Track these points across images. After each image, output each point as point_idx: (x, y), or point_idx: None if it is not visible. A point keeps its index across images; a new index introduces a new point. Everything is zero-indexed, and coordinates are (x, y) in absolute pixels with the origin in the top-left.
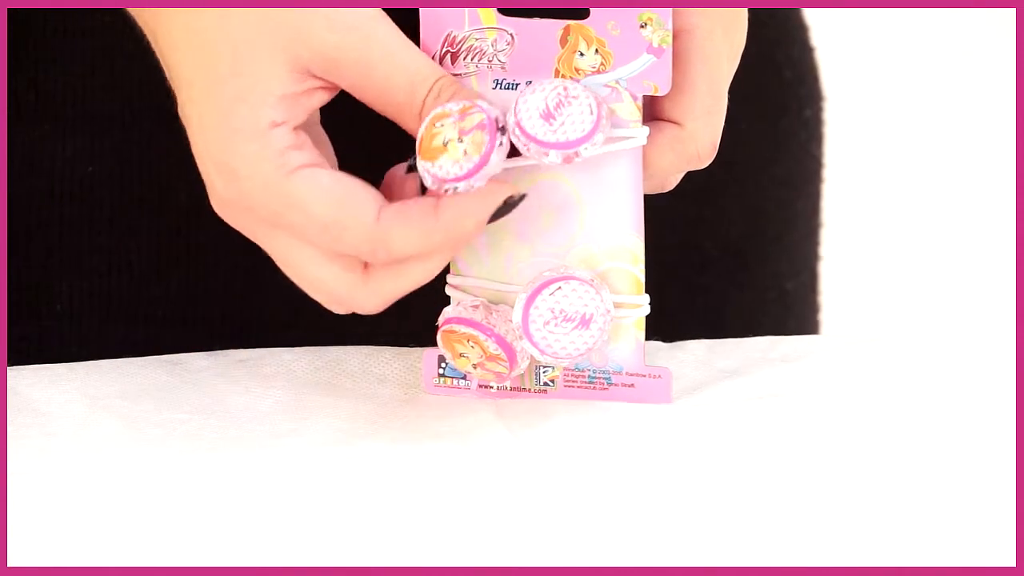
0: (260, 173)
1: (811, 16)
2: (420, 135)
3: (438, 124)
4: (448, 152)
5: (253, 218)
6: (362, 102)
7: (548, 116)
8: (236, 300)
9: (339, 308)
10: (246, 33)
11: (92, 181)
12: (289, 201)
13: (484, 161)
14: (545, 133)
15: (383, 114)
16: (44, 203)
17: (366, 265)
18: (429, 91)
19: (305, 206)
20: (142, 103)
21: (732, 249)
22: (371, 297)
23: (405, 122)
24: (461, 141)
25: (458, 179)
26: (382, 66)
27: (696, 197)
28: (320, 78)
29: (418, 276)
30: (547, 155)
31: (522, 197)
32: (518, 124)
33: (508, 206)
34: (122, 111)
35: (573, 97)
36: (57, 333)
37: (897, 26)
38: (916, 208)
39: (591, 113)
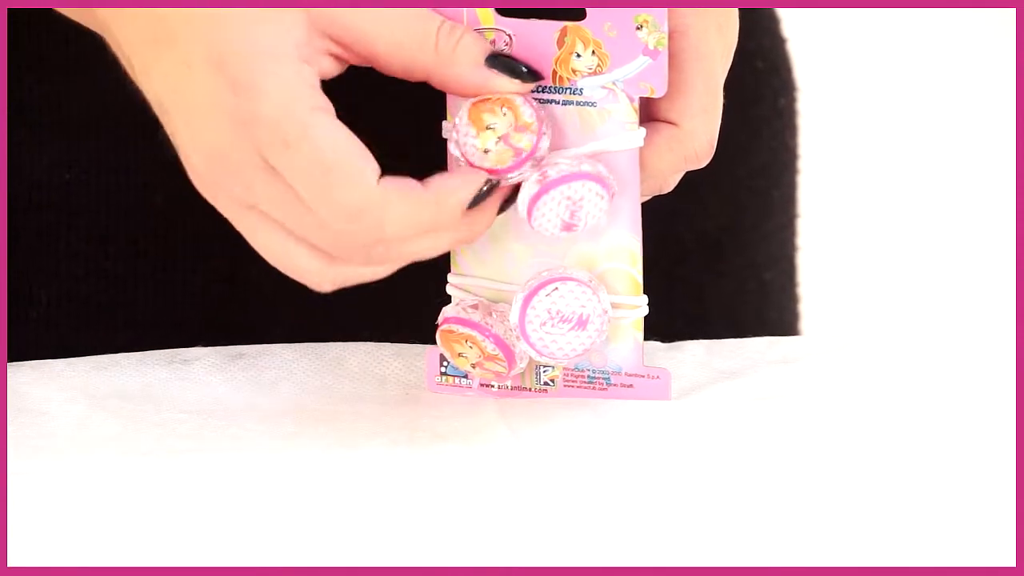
0: (286, 95)
1: (782, 9)
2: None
3: (490, 112)
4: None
5: (254, 153)
6: (379, 68)
7: (569, 227)
8: (215, 303)
9: (335, 273)
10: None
11: (69, 188)
12: (304, 132)
13: (506, 171)
14: (571, 235)
15: (396, 71)
16: (21, 210)
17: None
18: (439, 30)
19: (318, 142)
20: (118, 109)
21: (710, 240)
22: (330, 282)
23: (423, 61)
24: (499, 142)
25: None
26: (379, 28)
27: (673, 188)
28: (334, 41)
29: (419, 246)
30: None
31: (497, 183)
32: (540, 233)
33: (490, 188)
34: (99, 118)
35: (579, 200)
36: (35, 339)
37: (888, 25)
38: (897, 202)
39: (602, 199)
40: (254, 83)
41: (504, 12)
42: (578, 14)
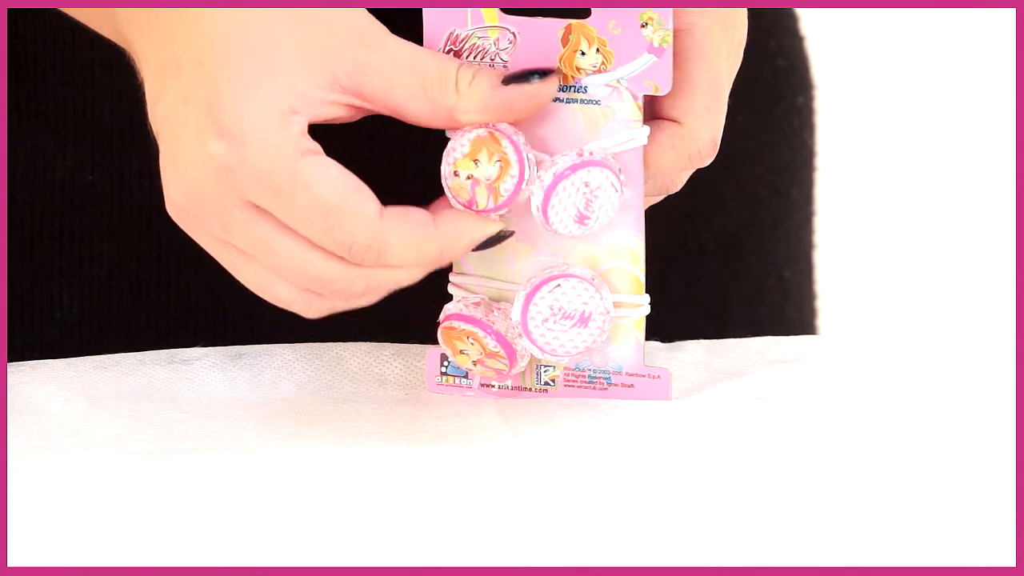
0: (272, 145)
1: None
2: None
3: (487, 155)
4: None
5: (235, 197)
6: (405, 118)
7: (583, 219)
8: (237, 308)
9: (321, 305)
10: (283, 37)
11: (93, 190)
12: (297, 180)
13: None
14: (583, 231)
15: (422, 118)
16: (45, 212)
17: None
18: (457, 83)
19: (312, 188)
20: (142, 113)
21: (730, 239)
22: (361, 280)
23: (448, 103)
24: (481, 184)
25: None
26: (399, 76)
27: (692, 188)
28: (347, 92)
29: (408, 276)
30: None
31: (511, 234)
32: (553, 230)
33: (500, 237)
34: (122, 121)
35: (596, 188)
36: (58, 341)
37: (890, 24)
38: (910, 199)
39: (616, 191)
40: (239, 132)
41: (509, 11)
42: (582, 12)
